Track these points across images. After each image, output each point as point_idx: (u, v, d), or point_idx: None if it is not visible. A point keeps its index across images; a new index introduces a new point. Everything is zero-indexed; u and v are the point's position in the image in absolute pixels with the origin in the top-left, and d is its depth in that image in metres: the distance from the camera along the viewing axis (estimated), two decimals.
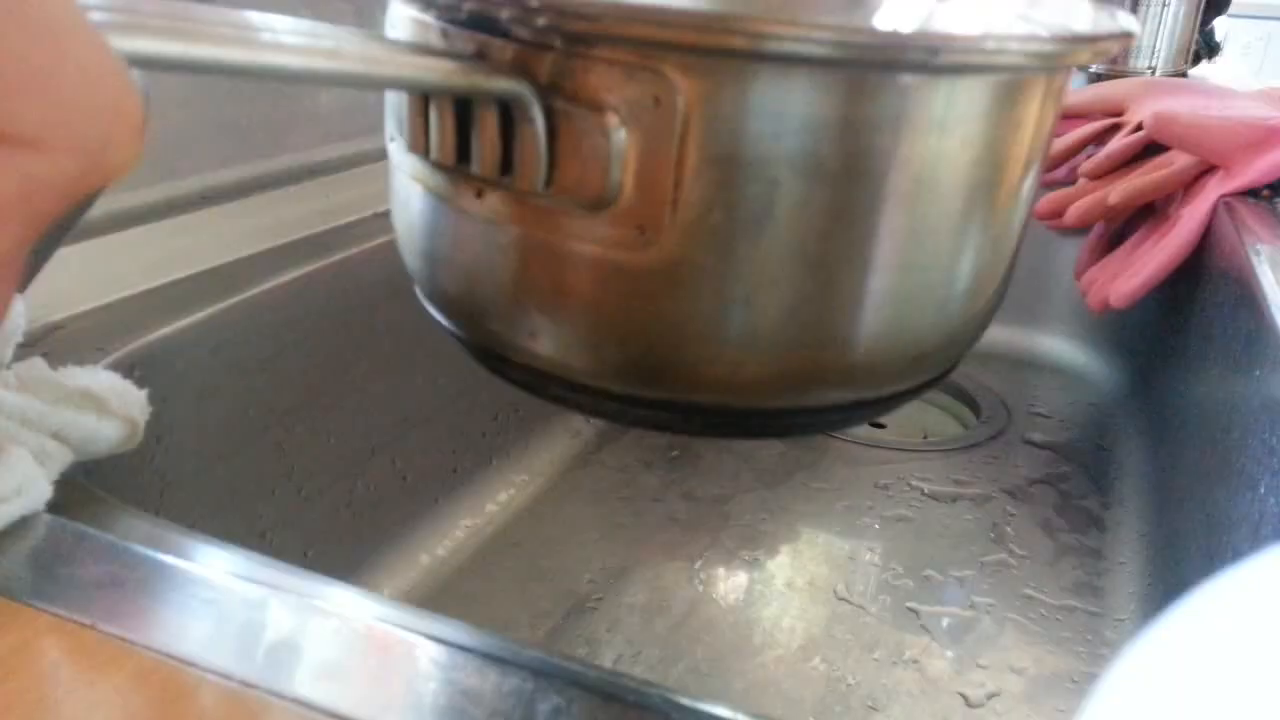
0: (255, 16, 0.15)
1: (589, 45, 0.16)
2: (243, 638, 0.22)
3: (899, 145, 0.16)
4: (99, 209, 0.33)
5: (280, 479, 0.42)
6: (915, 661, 0.45)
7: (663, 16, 0.15)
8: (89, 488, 0.27)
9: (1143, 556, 0.54)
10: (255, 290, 0.40)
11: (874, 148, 0.16)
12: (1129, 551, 0.54)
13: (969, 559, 0.53)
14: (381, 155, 0.25)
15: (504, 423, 0.55)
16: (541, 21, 0.16)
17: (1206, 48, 0.91)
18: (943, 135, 0.17)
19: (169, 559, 0.24)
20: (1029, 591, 0.50)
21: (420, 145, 0.19)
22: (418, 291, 0.25)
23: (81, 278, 0.36)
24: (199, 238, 0.42)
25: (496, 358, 0.21)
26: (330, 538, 0.44)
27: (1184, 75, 0.87)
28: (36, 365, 0.28)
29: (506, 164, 0.17)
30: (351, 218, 0.48)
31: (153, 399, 0.29)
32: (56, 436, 0.27)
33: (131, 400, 0.29)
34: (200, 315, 0.37)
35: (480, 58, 0.17)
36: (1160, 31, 0.86)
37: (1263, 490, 0.40)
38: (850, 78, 0.16)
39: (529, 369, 0.20)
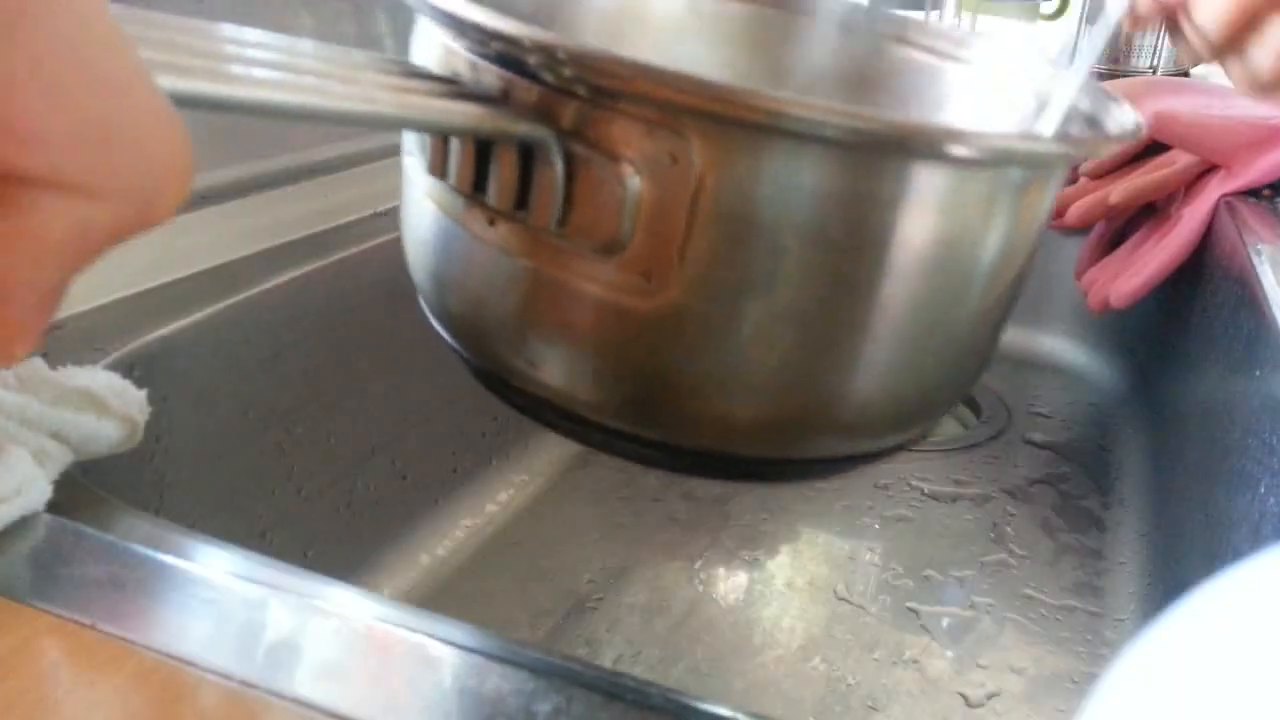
0: (289, 51, 0.15)
1: (614, 99, 0.16)
2: (243, 638, 0.22)
3: (901, 223, 0.17)
4: None
5: (280, 479, 0.42)
6: (915, 661, 0.45)
7: (687, 83, 0.15)
8: (89, 488, 0.27)
9: (1143, 556, 0.54)
10: (255, 290, 0.40)
11: (877, 224, 0.17)
12: (1129, 551, 0.54)
13: (969, 559, 0.53)
14: (380, 154, 0.25)
15: (504, 423, 0.55)
16: (568, 72, 0.16)
17: None
18: (944, 217, 0.17)
19: (169, 559, 0.24)
20: (1029, 591, 0.50)
21: (438, 169, 0.19)
22: (421, 303, 0.25)
23: (81, 277, 0.36)
24: (198, 237, 0.41)
25: (497, 379, 0.22)
26: (330, 538, 0.44)
27: (1186, 74, 0.87)
28: (36, 365, 0.28)
29: (522, 199, 0.18)
30: (351, 217, 0.48)
31: (153, 399, 0.29)
32: (56, 436, 0.27)
33: (131, 400, 0.29)
34: (200, 315, 0.37)
35: (505, 95, 0.17)
36: (1162, 32, 0.86)
37: (1263, 490, 0.40)
38: (859, 158, 0.16)
39: (527, 394, 0.21)
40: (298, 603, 0.23)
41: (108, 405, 0.28)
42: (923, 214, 0.17)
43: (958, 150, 0.17)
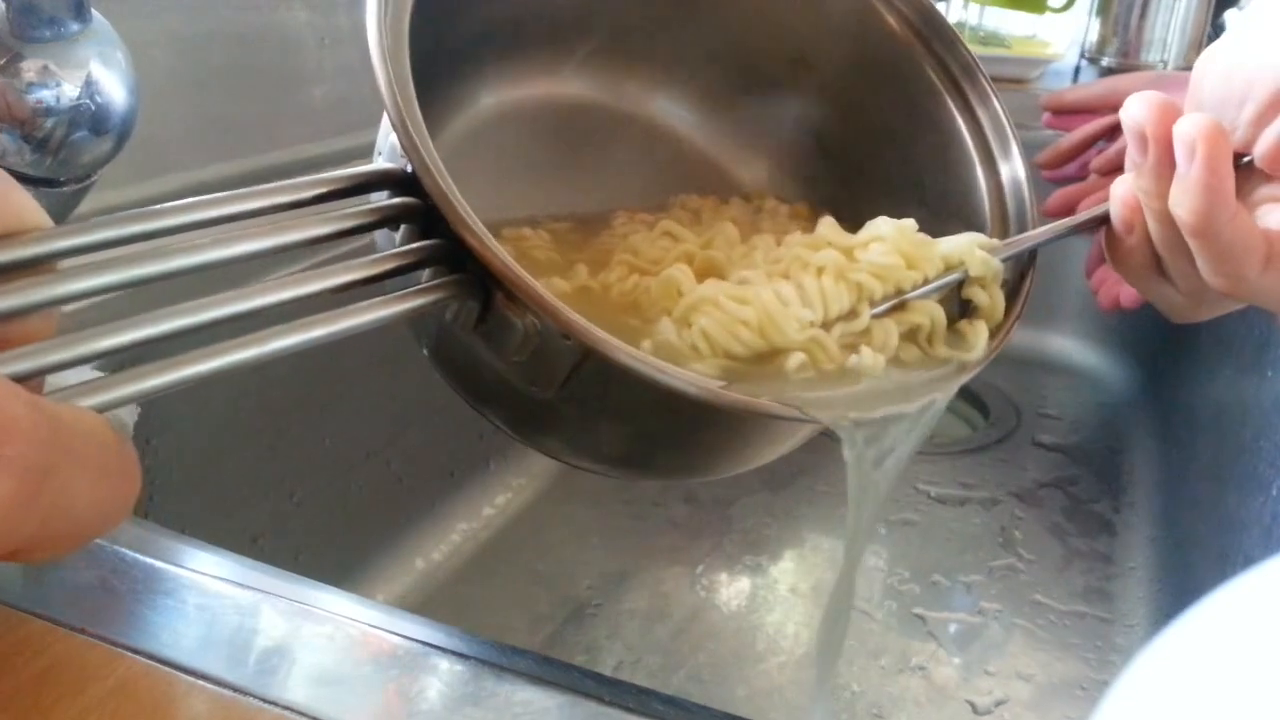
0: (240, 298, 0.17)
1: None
2: (234, 644, 0.22)
3: (719, 425, 0.25)
4: (87, 206, 0.33)
5: (272, 482, 0.41)
6: (922, 668, 0.45)
7: (581, 330, 0.20)
8: None
9: (1153, 561, 0.53)
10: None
11: (700, 420, 0.25)
12: (1139, 556, 0.54)
13: (977, 564, 0.52)
14: (372, 151, 0.25)
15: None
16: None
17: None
18: (754, 427, 0.26)
19: (160, 564, 0.24)
20: (1038, 597, 0.50)
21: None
22: None
23: None
24: None
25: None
26: (323, 542, 0.44)
27: None
28: None
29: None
30: None
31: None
32: None
33: None
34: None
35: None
36: (1172, 25, 0.85)
37: (1274, 492, 0.39)
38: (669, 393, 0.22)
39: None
40: (290, 608, 0.23)
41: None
42: (742, 424, 0.26)
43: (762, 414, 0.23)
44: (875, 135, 0.33)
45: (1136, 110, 0.27)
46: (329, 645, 0.22)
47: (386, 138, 0.24)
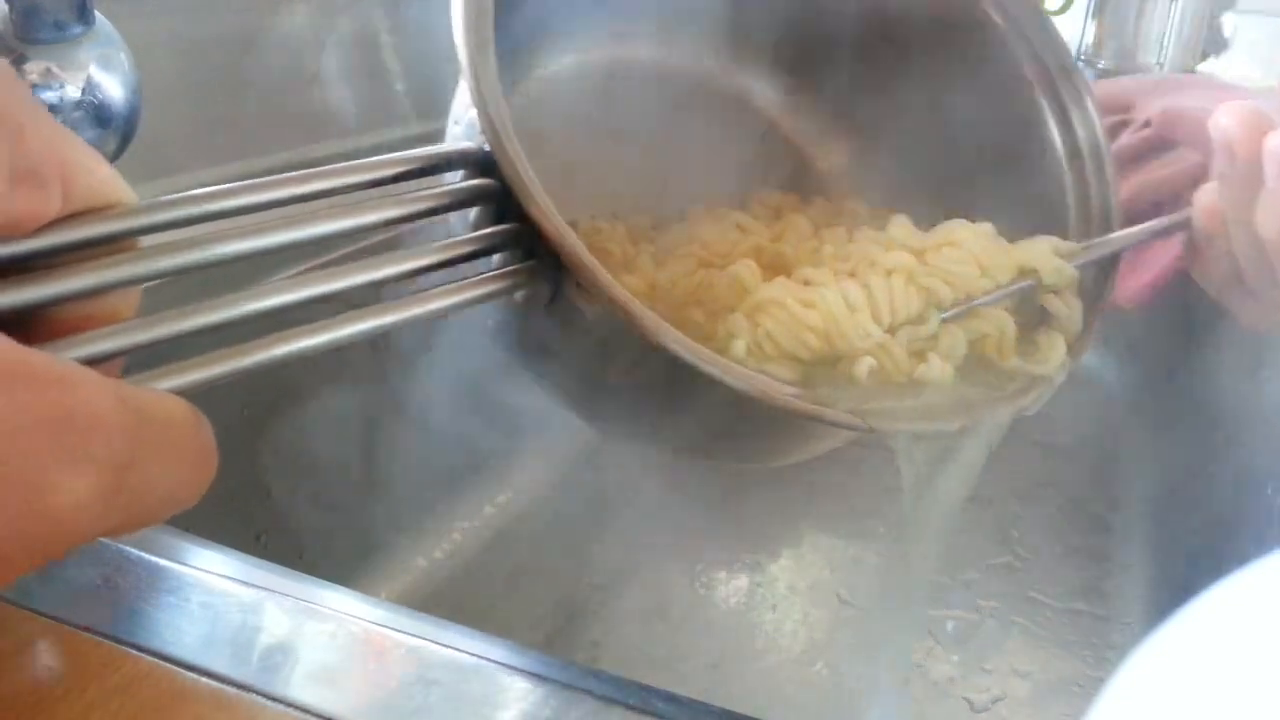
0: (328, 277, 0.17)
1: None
2: (237, 641, 0.22)
3: (760, 417, 0.24)
4: None
5: (276, 481, 0.41)
6: (919, 666, 0.45)
7: (657, 327, 0.21)
8: None
9: (1149, 559, 0.53)
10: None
11: (738, 416, 0.24)
12: (1135, 554, 0.54)
13: (974, 561, 0.52)
14: (374, 152, 0.25)
15: (501, 424, 0.55)
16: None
17: (1214, 44, 0.91)
18: (788, 425, 0.26)
19: (163, 561, 0.24)
20: (1034, 595, 0.50)
21: None
22: None
23: None
24: None
25: None
26: (326, 540, 0.44)
27: (1192, 72, 0.87)
28: None
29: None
30: None
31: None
32: None
33: None
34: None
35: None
36: (1169, 27, 0.86)
37: (1270, 491, 0.39)
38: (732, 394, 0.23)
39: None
40: (293, 606, 0.23)
41: None
42: (801, 426, 0.25)
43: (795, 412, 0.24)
44: (961, 126, 0.32)
45: (1226, 122, 0.27)
46: (331, 643, 0.22)
47: (466, 111, 0.23)
